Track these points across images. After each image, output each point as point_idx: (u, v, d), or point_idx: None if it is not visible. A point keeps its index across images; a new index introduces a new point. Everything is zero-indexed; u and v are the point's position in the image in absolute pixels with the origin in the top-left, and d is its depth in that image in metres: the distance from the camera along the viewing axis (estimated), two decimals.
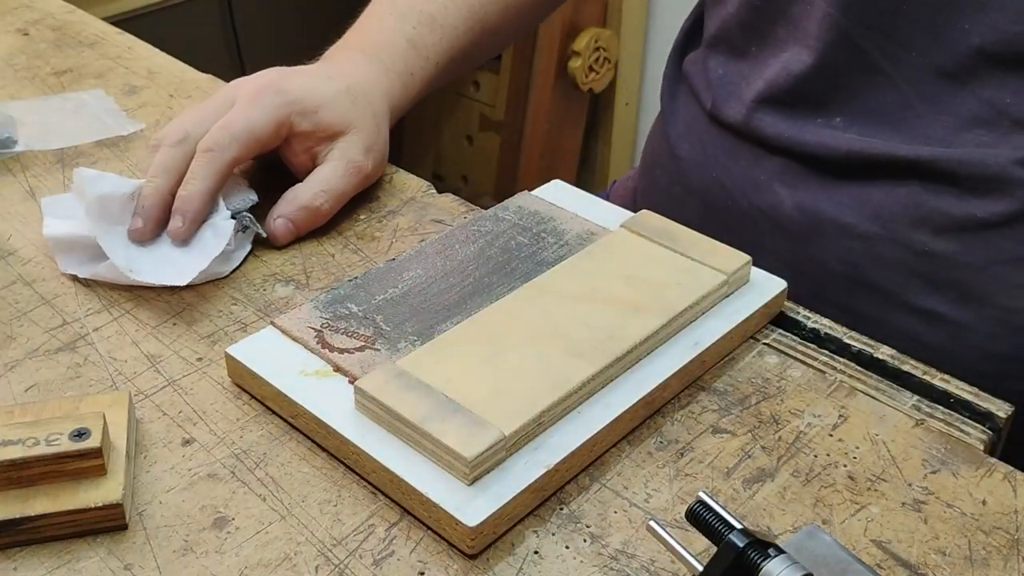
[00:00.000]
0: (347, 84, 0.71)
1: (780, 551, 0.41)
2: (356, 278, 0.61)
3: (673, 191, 0.79)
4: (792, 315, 0.62)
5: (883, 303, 0.67)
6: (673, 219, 0.65)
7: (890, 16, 0.64)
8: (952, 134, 0.64)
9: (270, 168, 0.72)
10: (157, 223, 0.65)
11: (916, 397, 0.57)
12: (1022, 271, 0.63)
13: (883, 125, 0.66)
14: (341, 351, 0.55)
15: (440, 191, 0.74)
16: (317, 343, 0.56)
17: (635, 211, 0.67)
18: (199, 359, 0.59)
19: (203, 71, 0.90)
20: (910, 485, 0.51)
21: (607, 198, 0.76)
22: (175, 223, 0.64)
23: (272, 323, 0.58)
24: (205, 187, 0.64)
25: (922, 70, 0.64)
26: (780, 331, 0.62)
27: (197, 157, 0.65)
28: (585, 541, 0.48)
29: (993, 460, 0.53)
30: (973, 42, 0.62)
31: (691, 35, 0.83)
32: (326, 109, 0.69)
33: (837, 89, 0.68)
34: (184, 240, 0.65)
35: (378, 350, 0.56)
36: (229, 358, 0.56)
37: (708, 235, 0.63)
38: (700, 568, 0.42)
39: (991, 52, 0.62)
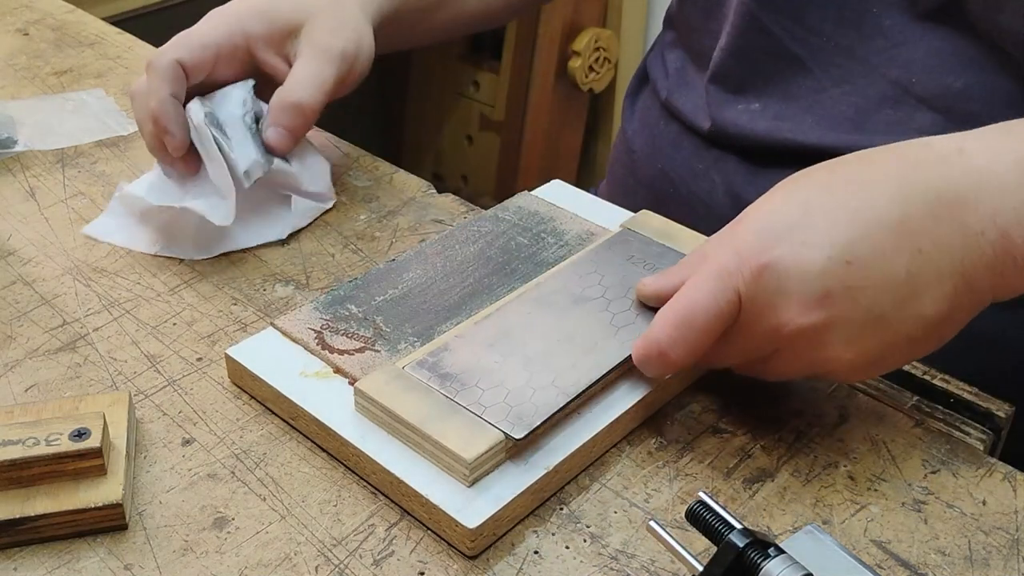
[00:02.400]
0: None
1: (780, 551, 0.41)
2: (356, 279, 0.61)
3: (627, 183, 0.83)
4: None
5: None
6: (624, 208, 0.67)
7: (798, 0, 0.66)
8: (862, 114, 0.66)
9: None
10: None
11: (916, 397, 0.57)
12: None
13: (797, 108, 0.69)
14: (341, 352, 0.55)
15: (440, 191, 0.74)
16: (317, 344, 0.56)
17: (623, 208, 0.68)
18: (199, 359, 0.59)
19: None
20: (910, 485, 0.51)
21: (596, 194, 0.77)
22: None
23: (272, 324, 0.58)
24: (164, 94, 0.65)
25: (831, 53, 0.66)
26: None
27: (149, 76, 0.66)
28: (585, 541, 0.48)
29: (993, 460, 0.53)
30: (880, 23, 0.64)
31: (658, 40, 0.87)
32: (277, 2, 0.69)
33: (753, 73, 0.70)
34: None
35: (378, 351, 0.56)
36: (229, 359, 0.56)
37: None
38: (700, 568, 0.42)
39: (897, 33, 0.63)
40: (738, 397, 0.56)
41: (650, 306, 0.56)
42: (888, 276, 0.47)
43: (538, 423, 0.50)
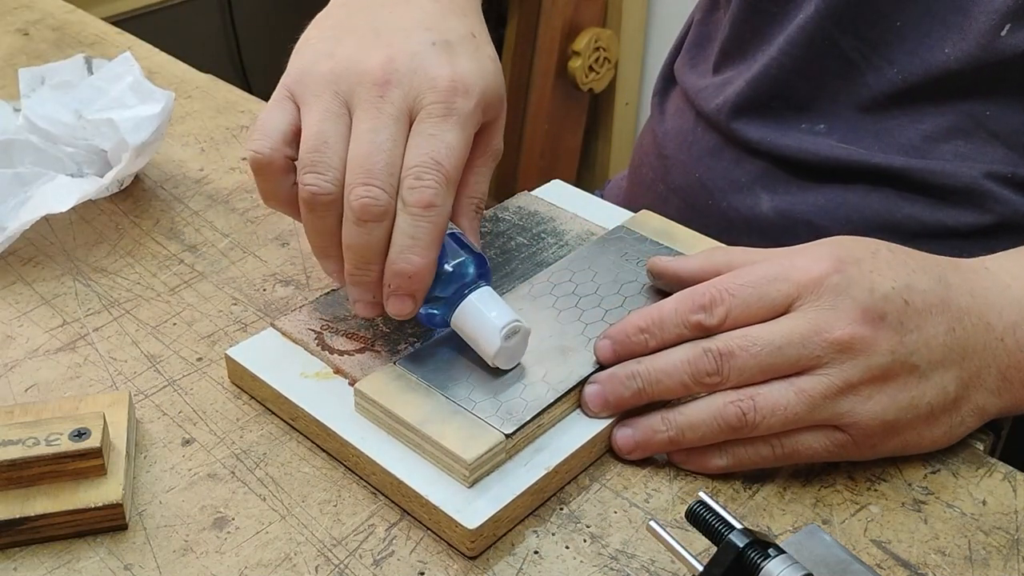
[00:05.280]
0: (469, 31, 0.56)
1: (780, 551, 0.41)
2: None
3: (657, 188, 0.81)
4: None
5: None
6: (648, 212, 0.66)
7: (881, 31, 0.65)
8: (930, 143, 0.65)
9: None
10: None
11: None
12: None
13: (864, 132, 0.68)
14: (341, 353, 0.55)
15: None
16: (317, 345, 0.56)
17: (626, 209, 0.68)
18: (199, 359, 0.59)
19: (203, 71, 0.90)
20: (910, 485, 0.51)
21: (601, 197, 0.76)
22: (406, 307, 0.51)
23: (272, 325, 0.58)
24: (433, 257, 0.51)
25: (902, 85, 0.65)
26: None
27: (413, 216, 0.50)
28: (585, 541, 0.48)
29: (993, 460, 0.53)
30: (951, 66, 0.63)
31: (686, 38, 0.84)
32: (489, 90, 0.54)
33: (819, 94, 0.69)
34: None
35: (378, 352, 0.56)
36: (229, 360, 0.56)
37: None
38: (700, 568, 0.42)
39: (968, 74, 0.63)
40: None
41: (642, 302, 0.56)
42: (930, 335, 0.49)
43: (527, 419, 0.50)
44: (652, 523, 0.44)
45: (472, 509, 0.47)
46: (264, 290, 0.64)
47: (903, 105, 0.66)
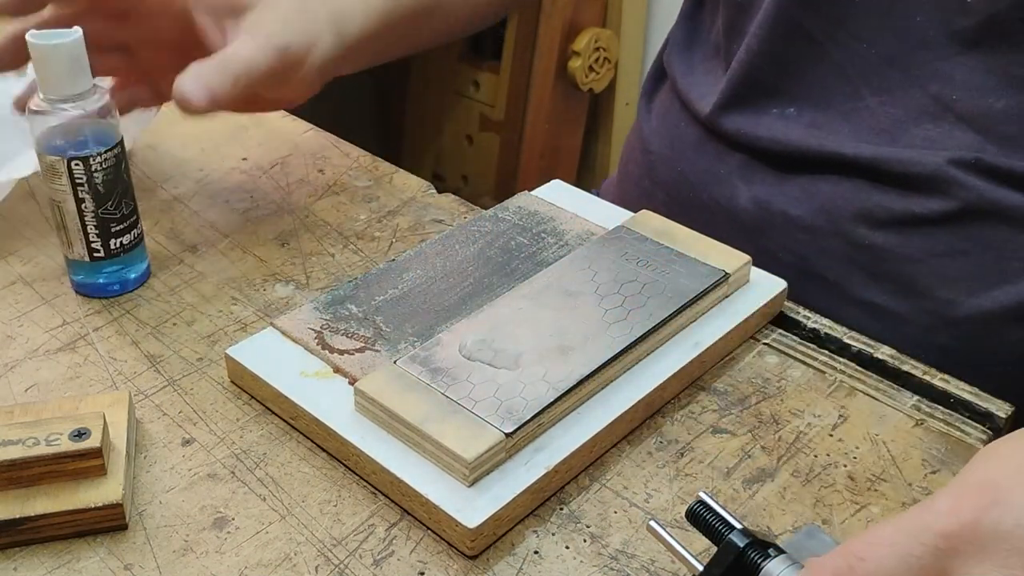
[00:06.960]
0: None
1: (780, 551, 0.41)
2: (356, 279, 0.61)
3: (642, 184, 0.81)
4: (792, 315, 0.62)
5: (829, 295, 0.69)
6: (638, 210, 0.66)
7: (844, 5, 0.65)
8: (900, 126, 0.66)
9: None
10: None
11: (916, 397, 0.57)
12: (957, 265, 0.65)
13: (834, 116, 0.68)
14: (341, 352, 0.56)
15: (440, 191, 0.74)
16: (317, 344, 0.56)
17: (621, 208, 0.68)
18: (199, 359, 0.59)
19: None
20: (910, 485, 0.51)
21: (598, 196, 0.76)
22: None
23: (272, 324, 0.58)
24: None
25: (871, 61, 0.65)
26: (780, 331, 0.62)
27: None
28: (585, 541, 0.48)
29: None
30: (925, 35, 0.63)
31: (675, 37, 0.85)
32: None
33: (788, 76, 0.69)
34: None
35: (378, 351, 0.56)
36: (229, 359, 0.56)
37: None
38: (700, 568, 0.42)
39: (940, 46, 0.63)
40: (738, 397, 0.56)
41: (642, 302, 0.56)
42: None
43: (528, 418, 0.50)
44: (652, 523, 0.44)
45: (472, 508, 0.47)
46: (264, 290, 0.64)
47: (872, 85, 0.66)
